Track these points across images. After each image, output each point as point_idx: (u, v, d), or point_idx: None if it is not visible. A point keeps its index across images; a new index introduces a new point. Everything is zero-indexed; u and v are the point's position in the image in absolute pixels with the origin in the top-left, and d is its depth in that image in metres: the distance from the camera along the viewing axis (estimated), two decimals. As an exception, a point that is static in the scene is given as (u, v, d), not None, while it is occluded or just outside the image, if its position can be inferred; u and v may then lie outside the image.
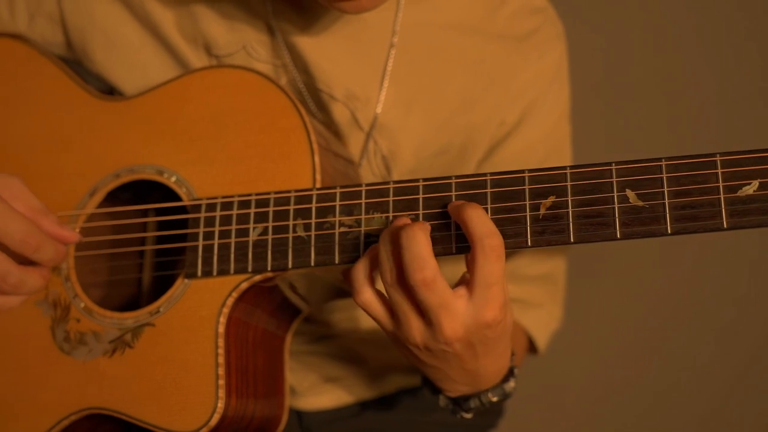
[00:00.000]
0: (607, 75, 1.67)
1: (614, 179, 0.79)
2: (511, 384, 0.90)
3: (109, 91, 1.05)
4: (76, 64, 1.05)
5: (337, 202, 0.87)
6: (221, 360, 0.89)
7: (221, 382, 0.88)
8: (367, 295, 0.82)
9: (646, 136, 1.66)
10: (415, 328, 0.80)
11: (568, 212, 0.80)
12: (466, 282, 0.79)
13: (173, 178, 0.95)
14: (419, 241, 0.77)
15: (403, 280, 0.79)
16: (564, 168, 0.81)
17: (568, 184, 0.80)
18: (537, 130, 1.06)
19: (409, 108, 1.02)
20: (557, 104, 1.08)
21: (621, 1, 1.67)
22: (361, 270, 0.82)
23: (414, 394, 1.19)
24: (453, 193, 0.84)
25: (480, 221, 0.78)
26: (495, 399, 0.90)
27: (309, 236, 0.88)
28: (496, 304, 0.78)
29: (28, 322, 0.96)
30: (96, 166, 0.98)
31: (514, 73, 1.04)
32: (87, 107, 1.01)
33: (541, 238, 0.80)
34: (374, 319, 0.83)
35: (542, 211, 0.81)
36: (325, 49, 0.99)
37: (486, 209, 0.82)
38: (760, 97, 1.63)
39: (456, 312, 0.78)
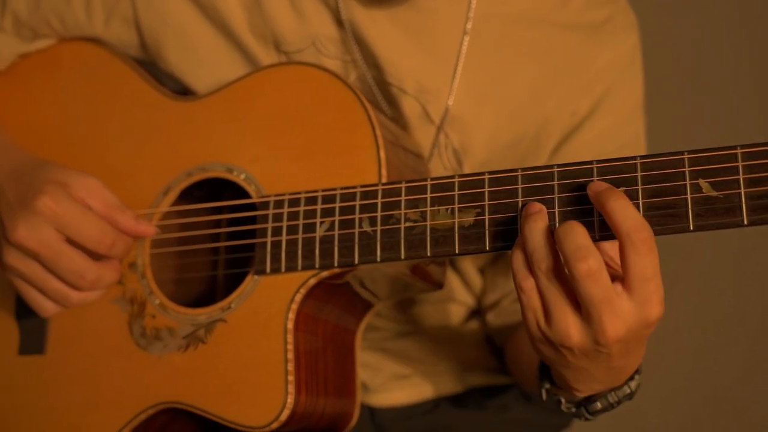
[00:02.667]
0: (680, 64, 1.62)
1: (686, 168, 0.76)
2: (636, 381, 0.86)
3: (182, 90, 1.07)
4: (149, 65, 1.08)
5: (403, 197, 0.87)
6: (290, 356, 0.89)
7: (291, 377, 0.89)
8: (528, 283, 0.77)
9: (720, 125, 1.61)
10: (572, 325, 0.75)
11: (638, 203, 0.77)
12: (619, 279, 0.74)
13: (242, 176, 0.96)
14: (578, 230, 0.73)
15: (559, 271, 0.75)
16: (634, 158, 0.79)
17: (638, 174, 0.78)
18: (610, 120, 1.04)
19: (481, 100, 1.01)
20: (631, 94, 1.06)
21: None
22: (519, 258, 0.77)
23: (487, 392, 1.17)
24: (519, 186, 0.82)
25: (624, 215, 0.73)
26: (622, 396, 0.86)
27: (375, 231, 0.88)
28: (657, 300, 0.74)
29: (106, 318, 0.99)
30: (169, 165, 1.00)
31: (586, 62, 1.02)
32: (160, 108, 1.03)
33: (608, 233, 0.78)
34: (526, 313, 0.78)
35: (611, 203, 0.78)
36: (395, 43, 0.99)
37: (553, 200, 0.80)
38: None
39: (619, 309, 0.73)
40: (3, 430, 1.02)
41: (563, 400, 0.88)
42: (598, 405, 0.86)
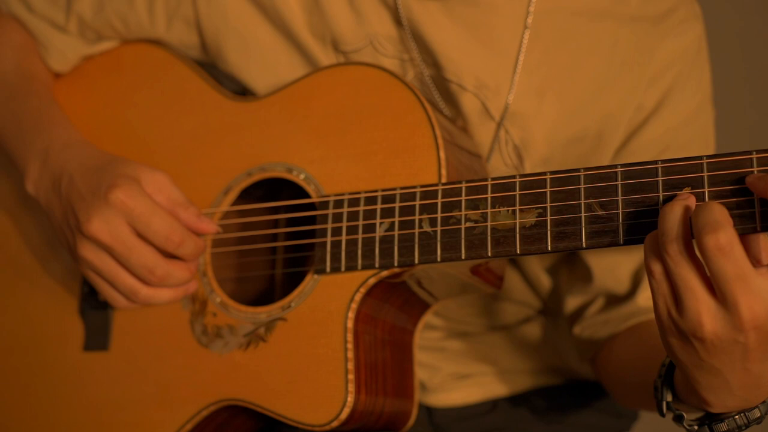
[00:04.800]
0: (745, 57, 1.58)
1: (755, 168, 0.75)
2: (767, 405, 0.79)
3: (242, 91, 1.08)
4: (209, 66, 1.09)
5: (463, 197, 0.87)
6: (350, 355, 0.90)
7: (351, 376, 0.89)
8: (657, 268, 0.73)
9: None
10: (704, 312, 0.70)
11: (705, 204, 0.76)
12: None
13: (302, 176, 0.97)
14: (714, 206, 0.69)
15: (690, 254, 0.71)
16: (700, 158, 0.77)
17: (705, 174, 0.76)
18: (678, 114, 1.02)
19: (542, 95, 1.00)
20: (699, 87, 1.03)
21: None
22: (650, 242, 0.74)
23: (546, 394, 1.16)
24: (582, 186, 0.81)
25: None
26: (751, 420, 0.79)
27: (435, 231, 0.87)
28: None
29: (169, 316, 1.00)
30: (229, 165, 1.01)
31: (649, 55, 1.00)
32: (221, 109, 1.04)
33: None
34: (657, 300, 0.74)
35: (677, 204, 0.77)
36: (454, 39, 0.99)
37: (616, 201, 0.79)
38: None
39: (756, 287, 0.69)
40: (67, 424, 1.05)
41: (686, 416, 0.82)
42: (724, 426, 0.80)
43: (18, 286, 1.11)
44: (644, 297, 1.03)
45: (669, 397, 0.83)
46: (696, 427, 0.81)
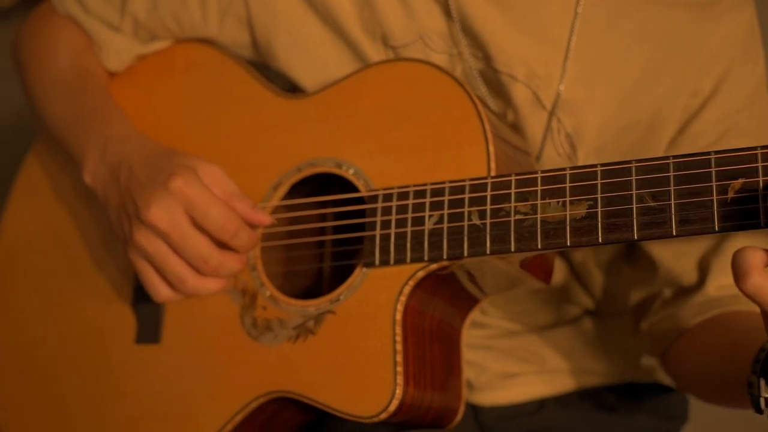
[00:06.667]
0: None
1: (812, 158, 0.74)
2: None
3: (291, 89, 1.10)
4: (261, 66, 1.11)
5: (513, 190, 0.87)
6: (399, 347, 0.90)
7: (399, 369, 0.89)
8: (756, 280, 0.71)
9: None
10: None
11: (758, 195, 0.75)
12: None
13: (351, 171, 0.97)
14: None
15: None
16: (754, 148, 0.77)
17: (759, 165, 0.76)
18: (735, 99, 1.00)
19: (593, 83, 0.99)
20: (754, 70, 1.02)
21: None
22: (753, 254, 0.72)
23: (593, 395, 1.15)
24: (633, 178, 0.81)
25: None
26: None
27: (484, 224, 0.88)
28: None
29: (219, 309, 1.02)
30: (279, 160, 1.02)
31: (701, 40, 0.99)
32: (271, 105, 1.06)
33: (729, 224, 0.76)
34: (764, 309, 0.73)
35: (730, 195, 0.77)
36: (504, 29, 0.99)
37: (668, 192, 0.79)
38: None
39: None
40: (117, 416, 1.06)
41: None
42: None
43: (73, 278, 1.13)
44: (714, 286, 1.01)
45: (767, 393, 0.81)
46: None
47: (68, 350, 1.11)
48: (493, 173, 0.90)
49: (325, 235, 1.10)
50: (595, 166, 0.83)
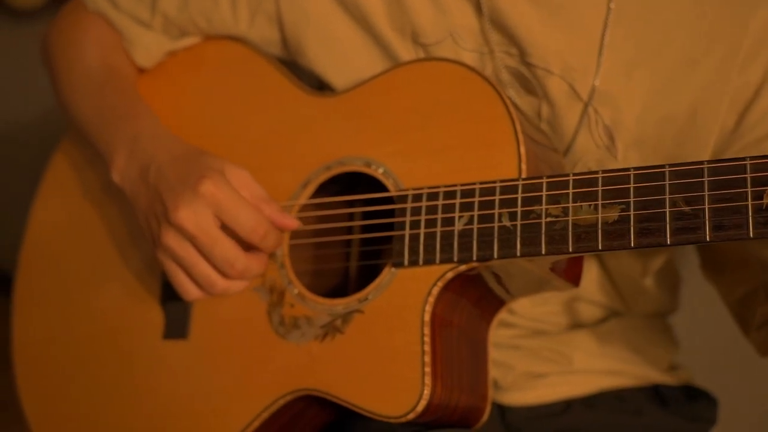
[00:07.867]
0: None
1: None
2: None
3: (320, 87, 1.09)
4: (290, 64, 1.11)
5: (544, 192, 0.86)
6: (427, 348, 0.90)
7: (427, 369, 0.89)
8: None
9: None
10: None
11: (797, 202, 0.75)
12: None
13: (380, 170, 0.97)
14: None
15: None
16: (792, 154, 0.76)
17: (799, 170, 0.75)
18: None
19: (630, 74, 0.98)
20: None
21: None
22: None
23: (621, 396, 1.15)
24: (666, 183, 0.80)
25: None
26: None
27: (515, 226, 0.87)
28: None
29: (246, 307, 1.02)
30: (308, 158, 1.03)
31: (741, 27, 0.96)
32: (300, 104, 1.06)
33: (765, 230, 0.76)
34: None
35: (765, 201, 0.76)
36: (537, 23, 0.98)
37: (702, 197, 0.78)
38: None
39: None
40: (143, 411, 1.07)
41: None
42: None
43: (100, 274, 1.14)
44: None
45: None
46: None
47: (94, 345, 1.12)
48: (524, 175, 0.89)
49: (352, 234, 1.10)
50: (628, 169, 0.82)
